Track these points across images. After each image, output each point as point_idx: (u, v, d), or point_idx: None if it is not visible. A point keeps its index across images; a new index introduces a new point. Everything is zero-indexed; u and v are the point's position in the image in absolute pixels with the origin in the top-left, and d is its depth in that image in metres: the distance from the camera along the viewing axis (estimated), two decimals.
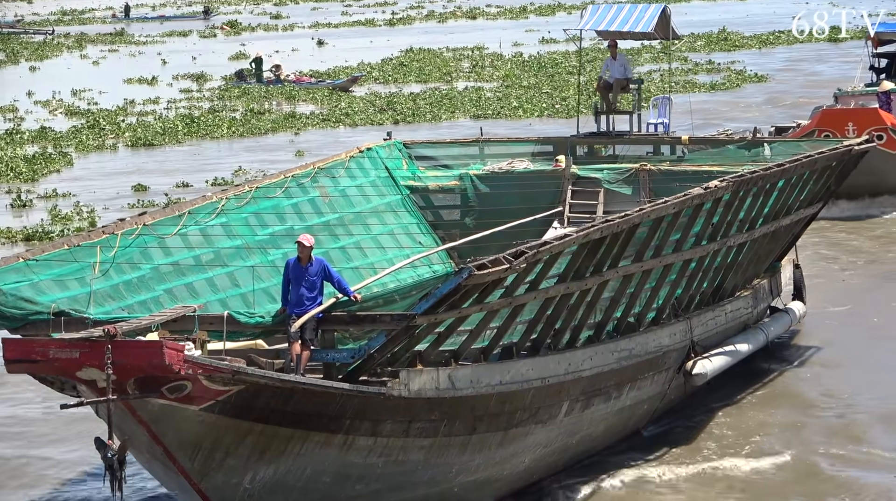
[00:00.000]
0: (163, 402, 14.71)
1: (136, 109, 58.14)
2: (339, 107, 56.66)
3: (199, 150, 48.70)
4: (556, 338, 18.60)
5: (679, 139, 26.97)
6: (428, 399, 16.63)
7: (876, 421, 21.72)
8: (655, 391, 21.05)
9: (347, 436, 16.17)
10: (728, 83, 60.41)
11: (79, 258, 17.97)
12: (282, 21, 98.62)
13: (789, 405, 22.65)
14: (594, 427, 19.86)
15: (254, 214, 22.15)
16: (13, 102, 60.59)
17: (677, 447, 20.86)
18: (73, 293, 17.47)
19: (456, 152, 27.17)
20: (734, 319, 22.97)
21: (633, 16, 28.02)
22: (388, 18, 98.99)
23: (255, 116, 54.68)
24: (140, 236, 19.38)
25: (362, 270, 22.68)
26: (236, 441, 15.41)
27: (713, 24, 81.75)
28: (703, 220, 20.65)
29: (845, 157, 24.11)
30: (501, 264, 16.09)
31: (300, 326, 15.93)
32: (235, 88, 63.69)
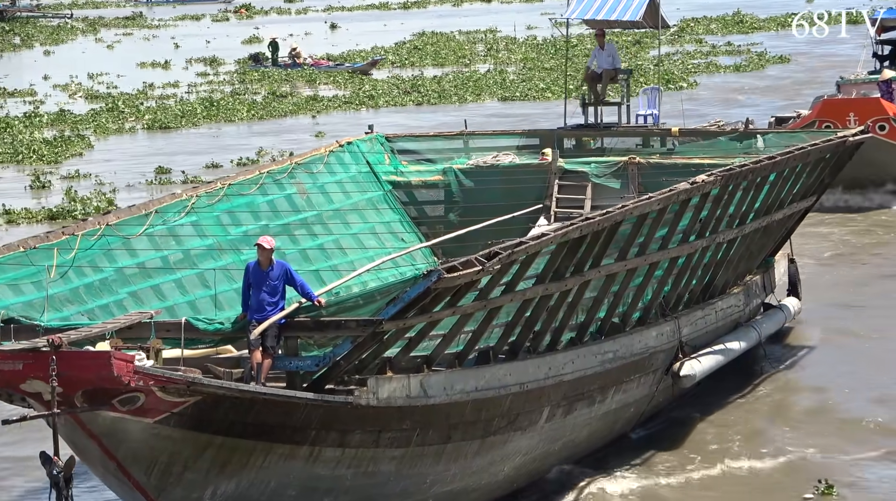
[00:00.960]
0: (114, 415, 13.80)
1: (156, 92, 57.53)
2: (363, 90, 56.09)
3: (218, 132, 48.21)
4: (535, 341, 17.60)
5: (669, 131, 25.96)
6: (398, 408, 15.68)
7: (869, 422, 20.78)
8: (642, 394, 20.03)
9: (313, 448, 15.22)
10: (752, 65, 59.71)
11: (35, 261, 16.90)
12: (295, 5, 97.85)
13: (781, 406, 21.73)
14: (577, 433, 18.84)
15: (226, 212, 21.11)
16: (31, 86, 60.00)
17: (665, 451, 19.85)
18: (27, 298, 16.43)
19: (440, 146, 26.20)
20: (725, 317, 21.97)
21: (621, 4, 27.00)
22: (402, 2, 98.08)
23: (276, 100, 54.09)
24: (103, 237, 18.37)
25: (341, 269, 21.85)
26: (195, 454, 14.47)
27: (728, 7, 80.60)
28: (690, 215, 19.66)
29: (839, 148, 23.10)
30: (473, 266, 15.19)
31: (261, 333, 14.98)
32: (254, 72, 62.98)
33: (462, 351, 16.64)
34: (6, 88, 59.37)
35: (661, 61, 57.55)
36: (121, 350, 14.28)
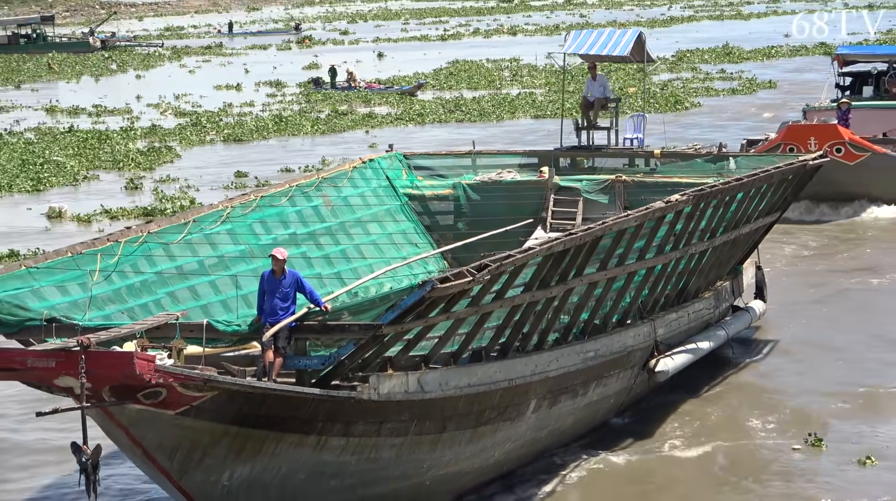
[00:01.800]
0: (139, 407, 13.22)
1: (234, 110, 57.12)
2: (412, 109, 55.65)
3: (286, 144, 47.73)
4: (524, 342, 16.94)
5: (652, 153, 25.22)
6: (398, 402, 15.01)
7: (826, 409, 20.17)
8: (621, 387, 19.36)
9: (320, 437, 14.59)
10: (745, 89, 59.16)
11: (82, 265, 16.35)
12: (349, 37, 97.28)
13: (746, 395, 20.97)
14: (562, 422, 18.20)
15: (258, 221, 20.42)
16: (126, 105, 59.64)
17: (642, 437, 19.17)
18: (72, 299, 15.87)
19: (450, 163, 25.48)
20: (697, 319, 21.25)
21: (612, 41, 26.29)
22: (440, 34, 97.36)
23: (337, 116, 53.77)
24: (144, 244, 17.79)
25: (361, 271, 21.27)
26: (213, 442, 13.87)
27: (718, 41, 80.00)
28: (665, 230, 19.02)
29: (800, 171, 22.42)
30: (464, 277, 14.54)
31: (272, 334, 14.42)
32: (317, 93, 62.49)
33: (457, 351, 15.98)
34: (106, 106, 58.95)
35: (648, 90, 57.01)
36: (146, 350, 13.75)
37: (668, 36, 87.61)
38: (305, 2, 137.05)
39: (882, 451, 18.31)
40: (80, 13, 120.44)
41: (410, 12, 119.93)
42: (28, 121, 53.21)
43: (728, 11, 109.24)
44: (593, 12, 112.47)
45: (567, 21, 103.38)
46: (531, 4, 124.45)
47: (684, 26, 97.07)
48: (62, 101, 61.23)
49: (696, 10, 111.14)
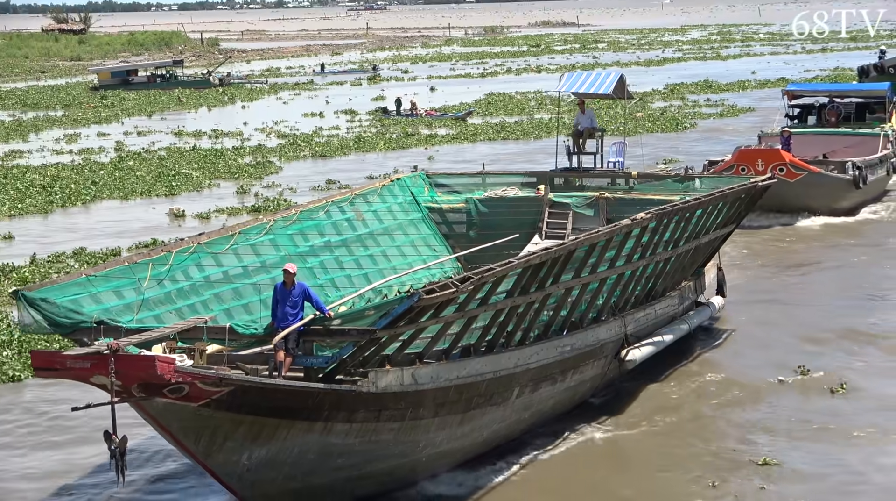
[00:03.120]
0: (165, 401, 12.08)
1: (324, 133, 55.98)
2: (467, 130, 54.38)
3: (363, 159, 46.72)
4: (508, 339, 15.65)
5: (630, 174, 23.74)
6: (394, 393, 13.79)
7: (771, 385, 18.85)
8: (596, 373, 17.93)
9: (327, 423, 13.37)
10: (729, 113, 57.61)
11: (136, 272, 15.27)
12: (408, 75, 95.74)
13: (704, 377, 19.50)
14: (543, 404, 16.82)
15: (298, 232, 19.12)
16: (237, 129, 58.71)
17: (615, 414, 17.82)
18: (126, 302, 14.76)
19: (465, 181, 24.04)
20: (663, 314, 19.78)
21: (598, 81, 24.87)
22: (480, 72, 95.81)
23: (406, 137, 52.70)
24: (195, 253, 16.60)
25: (385, 272, 19.97)
26: (232, 428, 12.70)
27: (700, 76, 78.18)
28: (633, 242, 17.63)
29: (752, 191, 20.90)
30: (449, 289, 13.24)
31: (282, 337, 13.18)
32: (385, 119, 61.00)
33: (447, 348, 14.68)
34: (222, 130, 57.99)
35: (649, 115, 55.55)
36: (174, 351, 12.54)
37: (661, 73, 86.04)
38: (377, 48, 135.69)
39: None
40: (203, 58, 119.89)
41: (459, 55, 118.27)
42: (161, 142, 52.75)
43: (710, 54, 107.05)
44: (603, 54, 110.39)
45: (581, 61, 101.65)
46: (555, 48, 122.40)
47: (674, 65, 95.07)
48: (187, 126, 60.69)
49: (684, 53, 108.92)
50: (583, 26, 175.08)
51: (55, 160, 46.43)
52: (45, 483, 15.54)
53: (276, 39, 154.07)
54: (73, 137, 54.89)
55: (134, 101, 75.08)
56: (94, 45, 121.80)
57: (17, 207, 35.25)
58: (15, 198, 36.65)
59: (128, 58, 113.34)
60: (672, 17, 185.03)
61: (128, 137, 55.28)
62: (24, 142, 53.40)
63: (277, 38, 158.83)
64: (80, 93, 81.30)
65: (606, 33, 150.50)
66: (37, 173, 41.84)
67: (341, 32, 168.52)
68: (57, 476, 15.73)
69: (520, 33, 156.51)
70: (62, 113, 67.71)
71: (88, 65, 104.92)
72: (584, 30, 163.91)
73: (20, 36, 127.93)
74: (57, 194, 37.32)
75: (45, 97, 77.55)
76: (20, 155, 48.02)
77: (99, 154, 48.09)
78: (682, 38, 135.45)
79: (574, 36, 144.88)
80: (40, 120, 63.45)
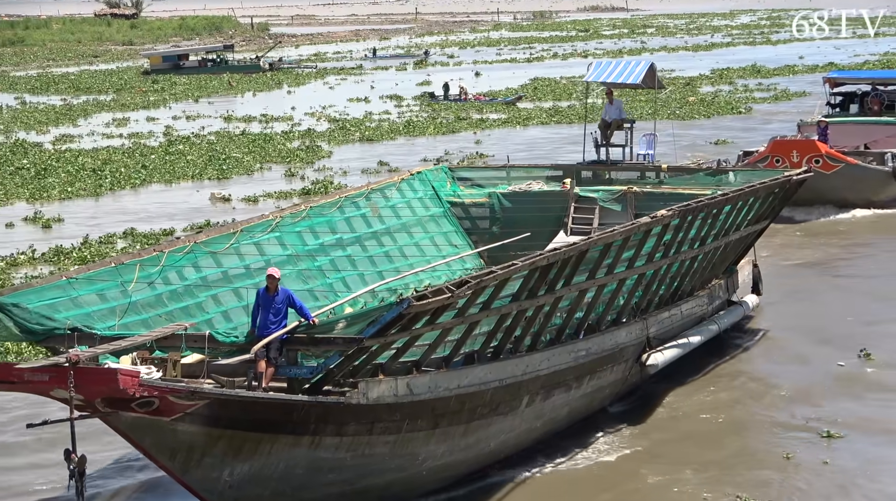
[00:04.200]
0: (135, 415, 11.11)
1: (375, 117, 54.81)
2: (519, 115, 53.22)
3: (413, 142, 45.78)
4: (516, 344, 14.47)
5: (660, 167, 22.37)
6: (388, 405, 12.72)
7: (798, 392, 17.56)
8: (616, 378, 16.69)
9: (314, 437, 12.32)
10: (783, 97, 56.06)
11: (124, 274, 14.20)
12: (454, 59, 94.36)
13: (735, 380, 18.27)
14: (557, 412, 15.61)
15: (307, 228, 17.89)
16: (285, 113, 57.76)
17: (635, 424, 16.57)
18: (110, 305, 13.70)
19: (488, 175, 22.77)
20: (690, 315, 18.49)
21: (627, 70, 23.48)
22: (526, 57, 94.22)
23: (457, 121, 51.63)
24: (191, 253, 15.48)
25: (401, 269, 18.79)
26: (210, 443, 11.70)
27: (748, 62, 75.92)
28: (654, 240, 16.35)
29: (786, 185, 19.52)
30: (443, 294, 12.11)
31: (262, 346, 12.12)
32: (433, 104, 59.82)
33: (448, 355, 13.54)
34: (271, 114, 57.09)
35: (703, 99, 54.40)
36: (147, 361, 11.53)
37: (709, 57, 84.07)
38: (426, 33, 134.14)
39: None
40: (253, 42, 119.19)
41: (507, 40, 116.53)
42: (212, 127, 52.11)
43: (759, 38, 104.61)
44: (651, 39, 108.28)
45: (629, 46, 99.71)
46: (603, 33, 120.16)
47: (723, 50, 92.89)
48: (235, 111, 59.91)
49: (733, 38, 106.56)
50: (632, 11, 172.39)
51: (105, 144, 46.13)
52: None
53: (325, 24, 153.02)
54: (123, 122, 54.58)
55: (185, 85, 74.50)
56: (145, 30, 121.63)
57: (66, 190, 35.05)
58: (66, 181, 36.54)
59: (179, 42, 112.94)
60: (721, 1, 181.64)
61: (177, 121, 54.76)
62: (74, 126, 53.16)
63: (327, 22, 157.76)
64: (132, 77, 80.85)
65: (655, 18, 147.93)
66: (88, 157, 41.72)
67: (390, 17, 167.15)
68: (12, 497, 14.61)
69: (568, 18, 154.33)
70: (111, 97, 67.23)
71: (140, 49, 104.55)
72: (632, 14, 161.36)
73: (73, 21, 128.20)
74: (107, 178, 37.17)
75: (98, 81, 77.25)
76: (70, 139, 47.80)
77: (148, 138, 47.71)
78: (731, 22, 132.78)
79: (623, 21, 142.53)
80: (90, 104, 63.01)
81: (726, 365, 18.93)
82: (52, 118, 55.93)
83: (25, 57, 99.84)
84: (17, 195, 34.13)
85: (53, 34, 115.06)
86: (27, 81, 78.14)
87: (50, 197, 33.98)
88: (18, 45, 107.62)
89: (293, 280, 16.47)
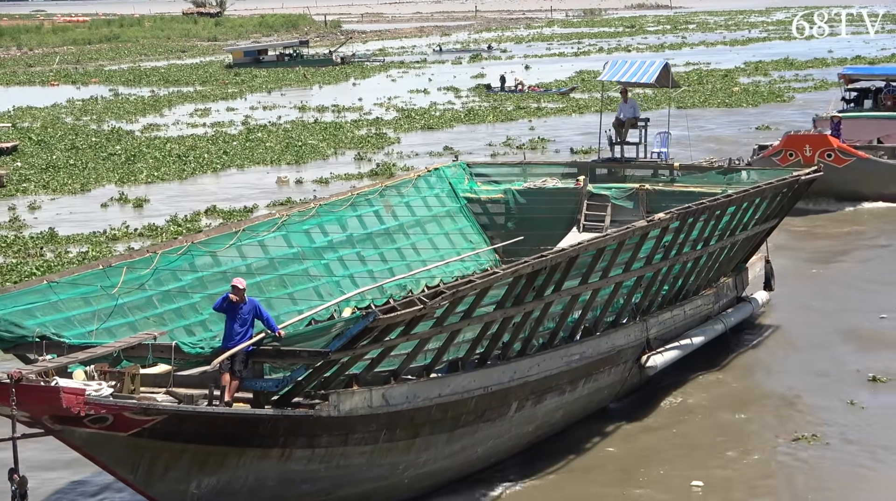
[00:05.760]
0: (88, 431, 9.73)
1: (440, 107, 53.44)
2: (575, 104, 51.91)
3: (473, 130, 44.68)
4: (504, 351, 12.85)
5: (672, 165, 20.48)
6: (362, 416, 11.24)
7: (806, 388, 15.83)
8: (615, 380, 14.98)
9: (284, 449, 10.86)
10: (822, 86, 54.07)
11: (111, 277, 12.72)
12: (506, 54, 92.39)
13: (729, 382, 16.49)
14: (551, 416, 13.93)
15: (315, 226, 16.23)
16: (354, 104, 56.42)
17: (634, 420, 14.92)
18: (92, 309, 12.24)
19: (505, 171, 20.99)
20: (695, 314, 16.71)
21: (640, 70, 21.55)
22: (574, 52, 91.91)
23: (517, 110, 50.46)
24: (188, 254, 13.98)
25: (413, 266, 17.23)
26: (173, 457, 10.29)
27: (780, 55, 73.52)
28: (653, 243, 14.62)
29: (794, 185, 17.63)
30: (414, 306, 10.58)
31: (226, 358, 10.63)
32: (494, 95, 58.03)
33: (429, 364, 11.99)
34: (342, 105, 55.90)
35: (747, 88, 52.87)
36: (105, 375, 10.13)
37: (745, 52, 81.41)
38: (484, 29, 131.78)
39: None
40: (326, 38, 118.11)
41: (559, 36, 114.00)
42: (288, 116, 51.37)
43: (794, 33, 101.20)
44: (692, 34, 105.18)
45: (670, 41, 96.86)
46: (647, 29, 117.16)
47: (758, 45, 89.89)
48: (307, 101, 58.87)
49: (769, 34, 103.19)
50: (675, 8, 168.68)
51: (189, 132, 45.75)
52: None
53: (392, 21, 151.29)
54: (205, 112, 54.00)
55: (264, 78, 73.52)
56: (228, 27, 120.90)
57: (153, 174, 34.91)
58: (152, 166, 36.29)
59: (259, 38, 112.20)
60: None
61: (254, 111, 54.04)
62: (160, 116, 52.73)
63: (394, 20, 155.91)
64: (216, 70, 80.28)
65: (696, 15, 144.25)
66: (175, 144, 41.55)
67: (452, 15, 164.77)
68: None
69: (616, 15, 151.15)
70: (193, 89, 66.55)
71: (223, 45, 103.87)
72: (675, 12, 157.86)
73: (163, 18, 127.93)
74: (191, 163, 36.96)
75: (185, 74, 76.72)
76: (157, 128, 47.44)
77: (228, 127, 47.11)
78: (767, 19, 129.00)
79: (667, 18, 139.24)
80: (174, 96, 62.41)
81: (736, 359, 17.17)
82: (139, 108, 55.58)
83: (120, 52, 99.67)
84: (107, 179, 34.09)
85: (145, 31, 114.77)
86: (121, 74, 78.07)
87: (137, 180, 33.89)
88: (114, 42, 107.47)
89: (298, 278, 15.00)
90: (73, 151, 39.70)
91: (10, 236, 25.72)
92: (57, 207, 29.99)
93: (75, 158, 37.97)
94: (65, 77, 76.29)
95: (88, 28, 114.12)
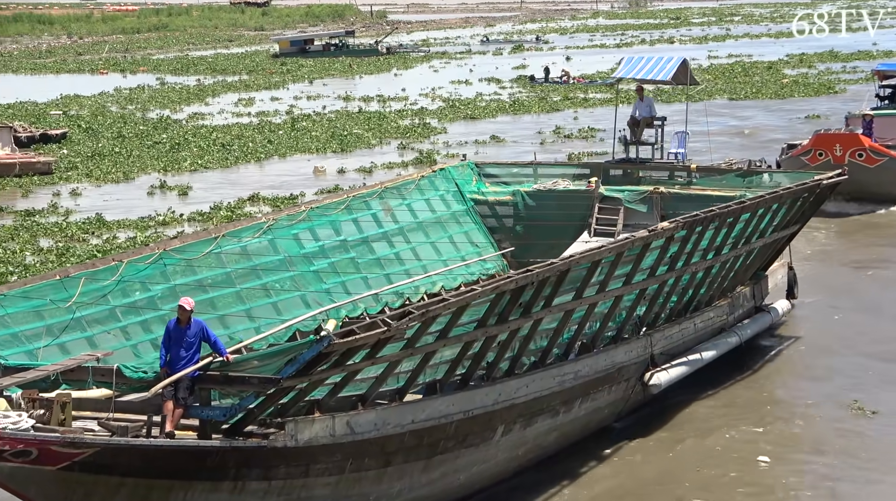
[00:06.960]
0: (12, 465, 8.75)
1: (486, 97, 52.43)
2: (622, 94, 50.47)
3: (517, 120, 44.02)
4: (489, 371, 11.72)
5: (689, 167, 19.09)
6: (324, 445, 10.15)
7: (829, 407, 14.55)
8: (616, 398, 13.74)
9: (236, 482, 9.79)
10: (871, 78, 51.98)
11: (69, 288, 11.69)
12: (547, 45, 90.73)
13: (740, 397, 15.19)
14: (543, 438, 12.73)
15: (305, 230, 15.04)
16: (396, 94, 55.32)
17: (637, 437, 13.74)
18: (44, 323, 11.23)
19: (515, 172, 19.73)
20: (706, 327, 15.38)
21: (658, 66, 20.19)
22: (616, 43, 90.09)
23: (564, 101, 49.63)
24: (159, 261, 12.98)
25: (412, 271, 16.11)
26: (110, 491, 9.27)
27: (825, 48, 71.69)
28: (657, 254, 13.36)
29: (815, 189, 16.22)
30: (377, 328, 9.45)
31: (167, 385, 9.56)
32: (538, 86, 56.68)
33: (402, 387, 10.87)
34: (387, 95, 54.86)
35: (799, 80, 51.96)
36: (34, 401, 9.12)
37: (790, 44, 79.10)
38: (529, 20, 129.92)
39: None
40: (372, 28, 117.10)
41: (604, 27, 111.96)
42: (333, 106, 50.80)
43: (840, 26, 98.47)
44: (736, 26, 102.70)
45: (715, 33, 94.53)
46: (692, 21, 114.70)
47: (805, 37, 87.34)
48: (351, 91, 58.02)
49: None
50: (720, 0, 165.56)
51: (234, 121, 45.29)
52: None
53: (437, 11, 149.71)
54: (249, 101, 53.43)
55: (310, 67, 72.69)
56: (275, 17, 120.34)
57: (197, 162, 34.59)
58: (196, 155, 36.15)
59: (305, 28, 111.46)
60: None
61: (298, 101, 53.38)
62: (204, 105, 52.31)
63: (439, 10, 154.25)
64: (263, 60, 79.67)
65: (742, 7, 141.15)
66: (220, 133, 41.21)
67: (497, 5, 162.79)
68: None
69: (661, 7, 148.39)
70: (238, 78, 65.93)
71: (270, 34, 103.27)
72: (721, 3, 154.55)
73: (211, 8, 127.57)
74: (235, 152, 36.64)
75: (231, 64, 76.25)
76: (202, 117, 47.03)
77: (273, 117, 46.52)
78: (813, 11, 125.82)
79: (712, 9, 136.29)
80: (219, 85, 61.84)
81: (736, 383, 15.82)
82: (184, 97, 55.15)
83: (168, 41, 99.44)
84: (152, 167, 33.82)
85: (193, 20, 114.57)
86: (168, 63, 77.86)
87: (181, 169, 33.49)
88: (162, 31, 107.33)
89: (284, 286, 13.93)
90: (119, 139, 39.62)
91: (60, 221, 25.64)
92: (100, 194, 29.86)
93: (121, 146, 37.86)
94: (113, 66, 76.18)
95: (137, 17, 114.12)
